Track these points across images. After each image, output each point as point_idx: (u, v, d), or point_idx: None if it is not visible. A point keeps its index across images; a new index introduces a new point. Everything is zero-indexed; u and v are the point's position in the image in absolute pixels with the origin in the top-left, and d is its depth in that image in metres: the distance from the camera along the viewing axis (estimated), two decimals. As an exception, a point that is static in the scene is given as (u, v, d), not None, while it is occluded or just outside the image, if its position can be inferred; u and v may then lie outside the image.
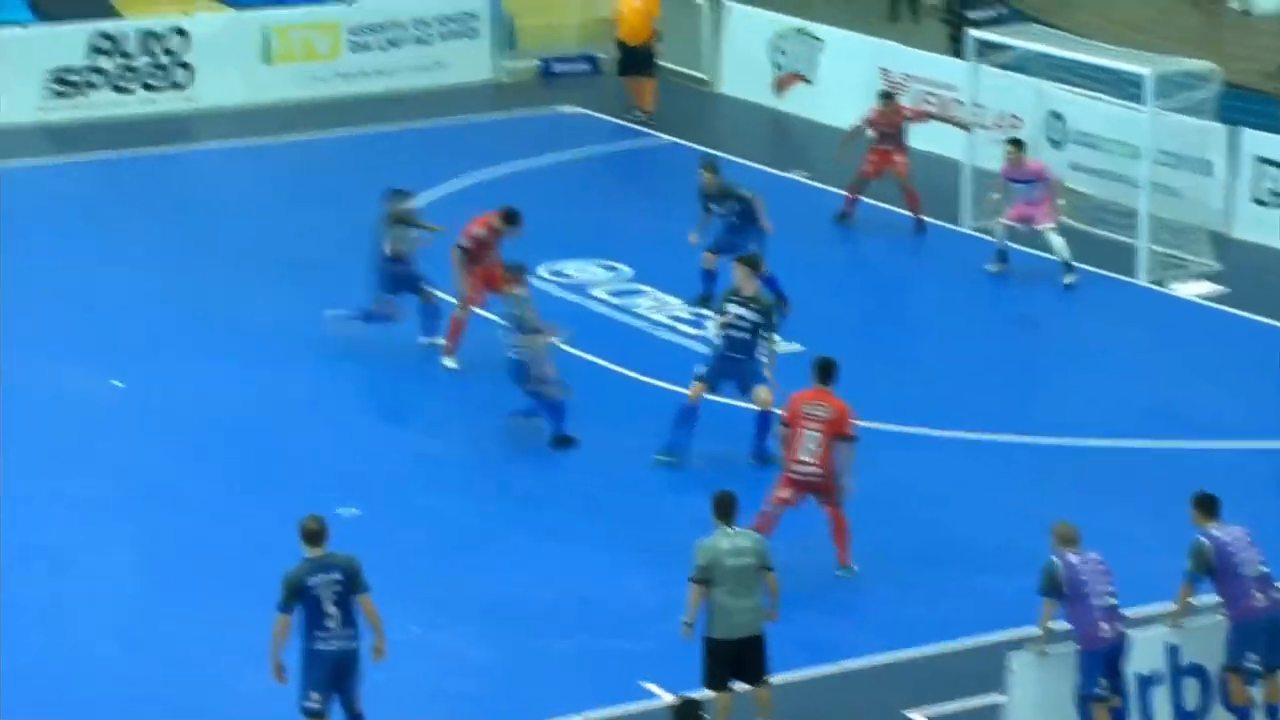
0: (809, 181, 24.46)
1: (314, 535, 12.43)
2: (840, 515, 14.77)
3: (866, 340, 19.20)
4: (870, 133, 22.85)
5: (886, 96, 23.15)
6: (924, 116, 23.28)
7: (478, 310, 19.03)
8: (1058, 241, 21.34)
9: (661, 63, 28.27)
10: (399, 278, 18.90)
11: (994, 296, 21.23)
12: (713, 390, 16.90)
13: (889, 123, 22.70)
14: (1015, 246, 21.68)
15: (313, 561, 12.38)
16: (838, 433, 14.61)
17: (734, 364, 16.76)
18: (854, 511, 14.97)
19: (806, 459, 14.58)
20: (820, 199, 23.61)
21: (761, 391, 16.60)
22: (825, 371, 14.82)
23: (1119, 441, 17.21)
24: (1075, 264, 21.23)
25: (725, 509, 12.96)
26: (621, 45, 27.72)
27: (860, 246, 22.70)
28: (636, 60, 27.58)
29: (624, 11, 27.60)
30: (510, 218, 18.69)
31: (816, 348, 18.80)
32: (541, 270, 21.14)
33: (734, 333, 16.76)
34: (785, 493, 14.73)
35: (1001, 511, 16.01)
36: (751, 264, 17.09)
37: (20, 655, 13.98)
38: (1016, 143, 21.89)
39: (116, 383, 18.52)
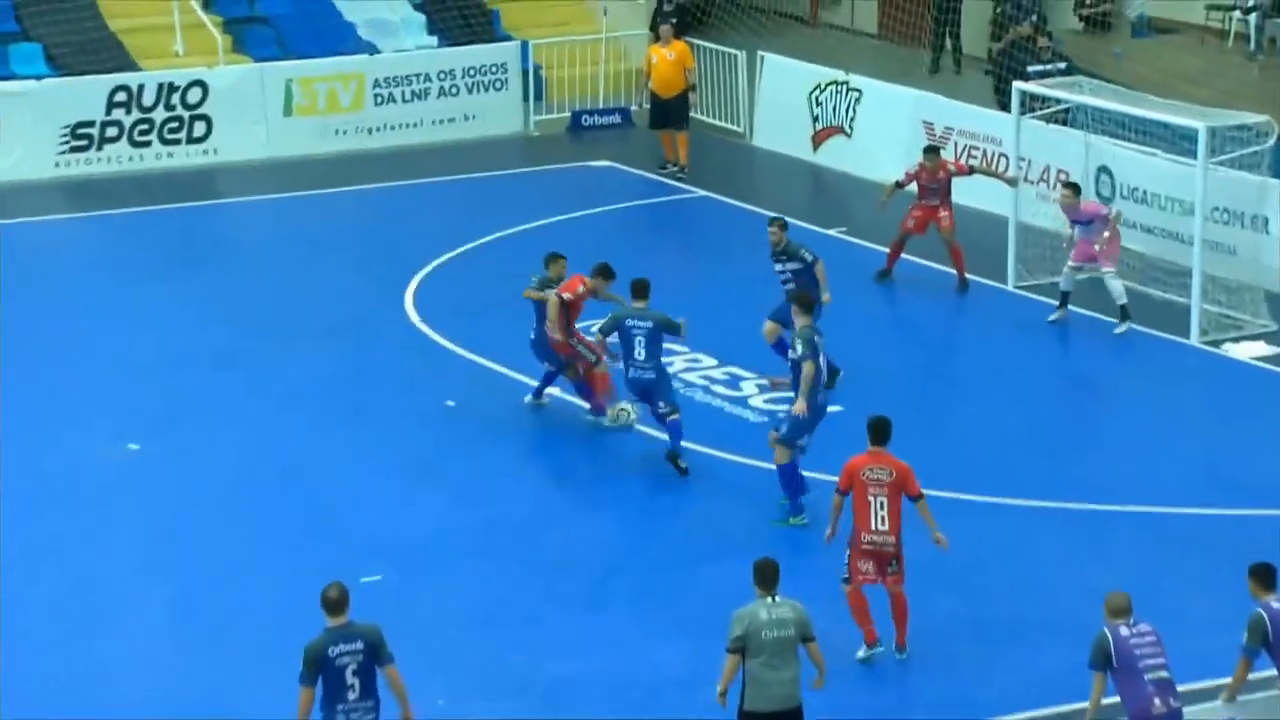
0: (848, 238, 24.53)
1: (335, 604, 12.45)
2: (902, 595, 14.66)
3: (911, 403, 19.19)
4: (913, 188, 22.94)
5: (932, 151, 23.23)
6: (969, 171, 23.35)
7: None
8: (1116, 287, 21.40)
9: (695, 115, 28.43)
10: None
11: (1043, 357, 21.22)
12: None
13: (933, 178, 22.78)
14: (1073, 307, 21.71)
15: (334, 631, 12.39)
16: (905, 493, 14.53)
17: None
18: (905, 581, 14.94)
19: (879, 527, 14.48)
20: (860, 256, 23.67)
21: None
22: (881, 431, 14.66)
23: (1173, 509, 17.17)
24: (1130, 316, 21.26)
25: (767, 578, 12.90)
26: (654, 97, 27.87)
27: (903, 305, 22.72)
28: (670, 113, 27.71)
29: (656, 63, 27.76)
30: (604, 272, 18.82)
31: (859, 409, 18.80)
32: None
33: (792, 372, 17.02)
34: (866, 565, 14.51)
35: (1052, 580, 15.97)
36: (801, 302, 17.15)
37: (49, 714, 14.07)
38: (1071, 186, 21.99)
39: (132, 446, 18.60)
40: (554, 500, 17.67)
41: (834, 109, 27.75)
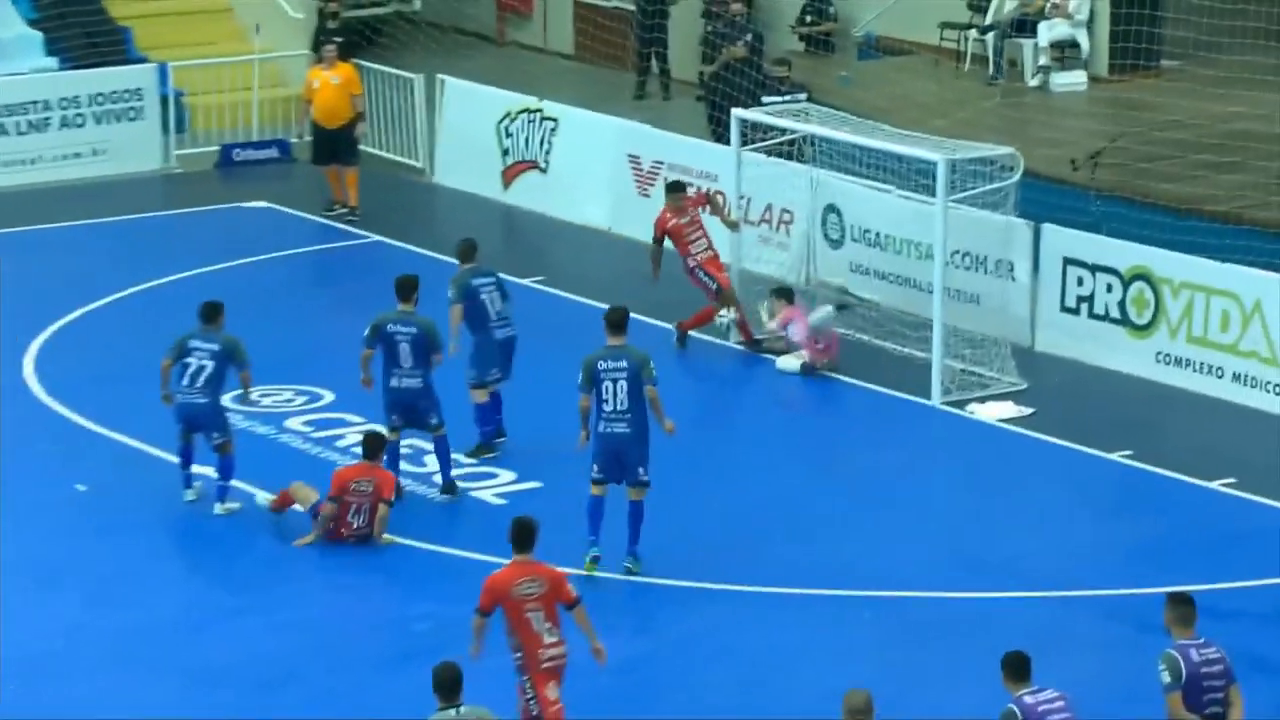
0: (546, 288, 24.68)
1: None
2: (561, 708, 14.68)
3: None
4: (669, 240, 22.89)
5: (676, 189, 23.21)
6: (705, 200, 23.45)
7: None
8: (787, 364, 22.17)
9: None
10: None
11: (771, 421, 21.55)
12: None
13: (683, 214, 22.79)
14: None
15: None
16: (561, 601, 14.48)
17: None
18: (628, 678, 15.00)
19: (550, 640, 14.42)
20: (560, 307, 23.83)
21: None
22: (526, 538, 14.51)
23: (917, 593, 17.55)
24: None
25: (447, 686, 12.92)
26: (317, 128, 27.73)
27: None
28: (336, 146, 27.62)
29: (319, 88, 27.60)
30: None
31: (565, 487, 18.99)
32: (224, 399, 20.97)
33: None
34: (553, 692, 14.34)
35: (788, 675, 16.21)
36: (609, 319, 17.79)
37: None
38: (782, 294, 22.71)
39: None
40: (208, 599, 17.47)
41: (526, 141, 27.94)
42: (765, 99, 25.44)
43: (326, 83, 27.53)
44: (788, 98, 25.29)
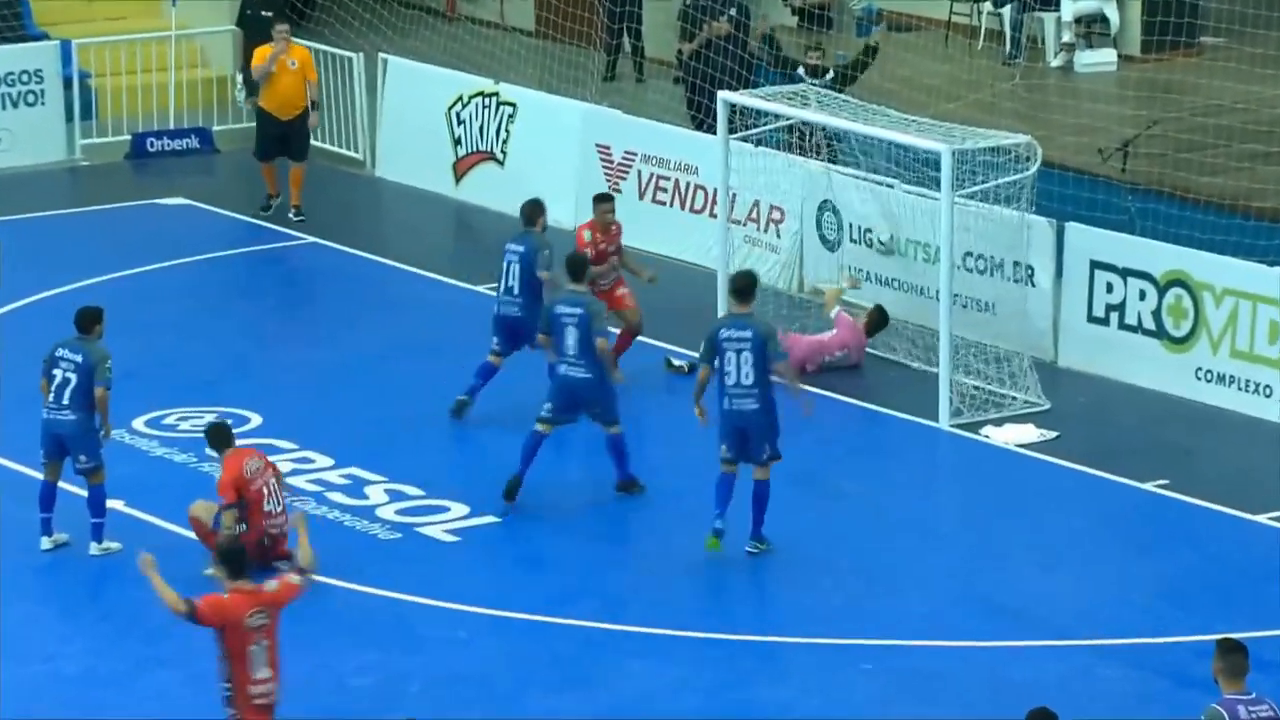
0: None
1: None
2: None
3: (589, 513, 19.41)
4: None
5: (605, 199, 22.74)
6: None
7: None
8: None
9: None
10: None
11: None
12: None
13: (611, 239, 22.52)
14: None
15: None
16: (286, 602, 14.77)
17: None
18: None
19: (261, 676, 14.54)
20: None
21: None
22: (239, 562, 14.78)
23: (919, 641, 17.60)
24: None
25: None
26: (268, 119, 27.39)
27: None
28: (287, 140, 27.33)
29: (275, 72, 27.23)
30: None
31: (522, 524, 19.00)
32: (136, 422, 21.00)
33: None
34: None
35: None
36: (735, 285, 18.80)
37: None
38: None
39: None
40: (119, 649, 17.48)
41: (481, 129, 27.98)
42: (799, 73, 25.58)
43: (284, 67, 27.31)
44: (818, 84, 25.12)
